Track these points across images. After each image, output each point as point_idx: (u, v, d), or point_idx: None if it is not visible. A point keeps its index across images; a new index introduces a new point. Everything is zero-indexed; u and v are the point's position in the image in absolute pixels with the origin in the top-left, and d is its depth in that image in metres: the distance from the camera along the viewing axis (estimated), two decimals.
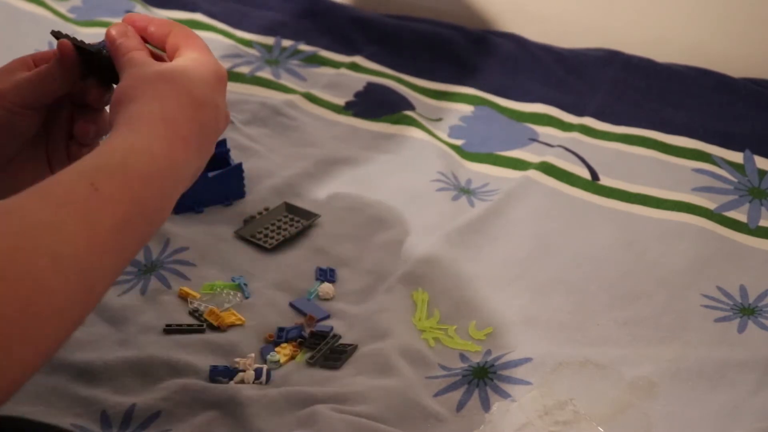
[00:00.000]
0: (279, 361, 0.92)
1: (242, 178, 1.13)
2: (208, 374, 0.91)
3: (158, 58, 0.79)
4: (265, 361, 0.93)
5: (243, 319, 0.97)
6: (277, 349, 0.94)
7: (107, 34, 0.79)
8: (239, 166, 1.13)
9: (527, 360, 0.92)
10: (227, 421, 0.85)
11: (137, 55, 0.77)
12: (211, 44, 1.43)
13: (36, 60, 0.86)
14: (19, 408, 0.87)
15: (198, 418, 0.86)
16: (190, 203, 1.10)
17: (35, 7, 1.49)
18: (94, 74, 0.81)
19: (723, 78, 1.31)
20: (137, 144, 0.69)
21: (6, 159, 0.84)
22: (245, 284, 1.01)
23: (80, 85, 0.82)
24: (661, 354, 0.93)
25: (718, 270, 1.04)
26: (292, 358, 0.93)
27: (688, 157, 1.19)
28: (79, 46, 0.81)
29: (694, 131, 1.22)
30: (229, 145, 1.16)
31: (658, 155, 1.20)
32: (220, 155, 1.13)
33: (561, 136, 1.24)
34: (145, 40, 0.80)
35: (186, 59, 0.77)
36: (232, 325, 0.97)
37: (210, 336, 0.95)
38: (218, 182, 1.11)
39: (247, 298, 1.00)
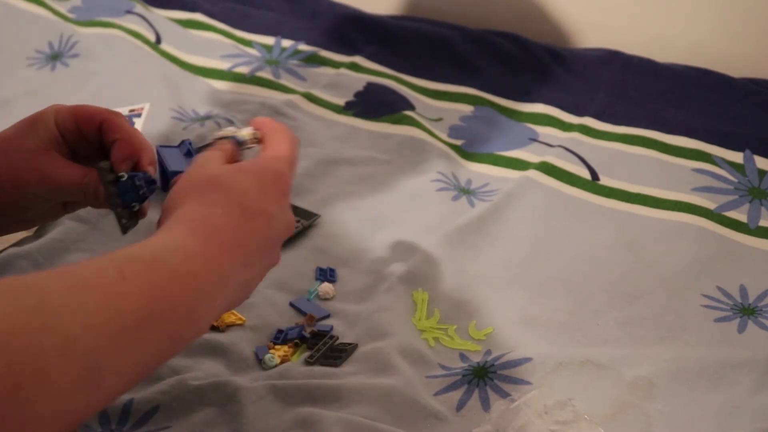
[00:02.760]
0: (277, 364, 0.92)
1: None
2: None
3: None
4: (260, 362, 0.92)
5: (243, 318, 0.97)
6: (272, 351, 0.94)
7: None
8: None
9: (527, 360, 0.92)
10: (226, 419, 0.85)
11: (205, 154, 0.77)
12: (211, 44, 1.45)
13: (64, 134, 0.82)
14: None
15: (196, 414, 0.86)
16: None
17: (35, 7, 1.49)
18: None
19: (723, 78, 1.31)
20: (171, 243, 0.67)
21: (24, 216, 0.83)
22: None
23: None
24: (661, 354, 0.93)
25: (718, 270, 1.04)
26: (288, 358, 0.93)
27: (688, 157, 1.19)
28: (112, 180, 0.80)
29: (694, 131, 1.22)
30: None
31: (658, 155, 1.20)
32: None
33: (561, 136, 1.24)
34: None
35: (250, 161, 0.76)
36: (231, 325, 0.97)
37: (210, 335, 0.95)
38: None
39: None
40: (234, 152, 0.80)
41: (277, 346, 0.94)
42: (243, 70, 1.37)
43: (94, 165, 0.80)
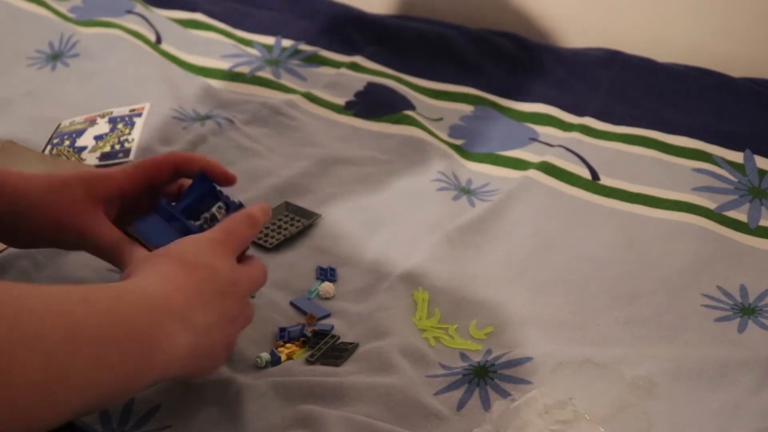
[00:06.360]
0: (268, 361, 0.92)
1: None
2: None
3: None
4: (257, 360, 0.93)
5: None
6: (280, 349, 0.94)
7: None
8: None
9: (527, 359, 0.92)
10: (227, 418, 0.86)
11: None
12: (211, 44, 1.45)
13: (125, 190, 0.91)
14: None
15: (198, 414, 0.86)
16: None
17: (35, 7, 1.49)
18: None
19: (723, 78, 1.31)
20: (130, 284, 0.75)
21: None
22: None
23: None
24: (661, 354, 0.93)
25: (718, 270, 1.04)
26: (290, 357, 0.93)
27: (688, 156, 1.19)
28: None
29: (694, 131, 1.22)
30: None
31: (658, 155, 1.20)
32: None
33: (561, 136, 1.24)
34: None
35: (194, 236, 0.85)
36: None
37: None
38: None
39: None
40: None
41: (287, 345, 0.94)
42: (243, 69, 1.37)
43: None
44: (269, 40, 1.43)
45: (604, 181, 1.16)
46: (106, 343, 0.67)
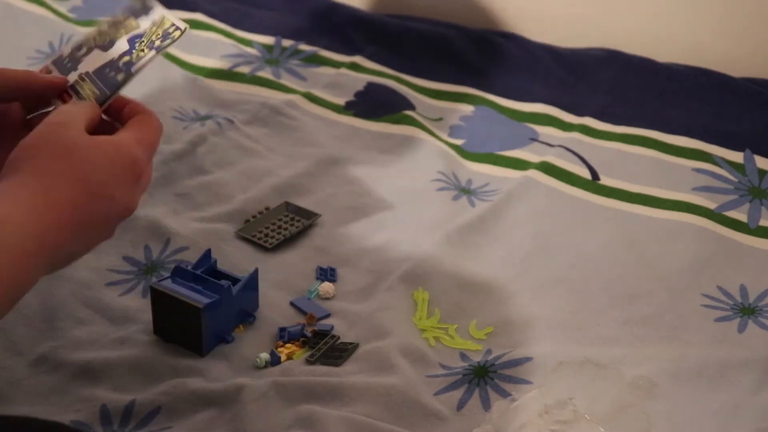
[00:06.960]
0: (267, 361, 0.92)
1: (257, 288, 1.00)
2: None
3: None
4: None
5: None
6: (280, 349, 0.94)
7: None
8: (254, 273, 0.98)
9: (527, 359, 0.92)
10: (227, 418, 0.86)
11: (69, 110, 0.76)
12: (211, 44, 1.45)
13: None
14: (19, 408, 0.87)
15: (198, 414, 0.86)
16: (221, 336, 0.95)
17: (35, 7, 1.49)
18: None
19: (723, 78, 1.31)
20: (8, 217, 0.67)
21: None
22: None
23: None
24: (661, 354, 0.94)
25: (718, 270, 1.04)
26: (290, 357, 0.93)
27: (688, 157, 1.19)
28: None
29: (694, 131, 1.22)
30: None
31: (658, 155, 1.20)
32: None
33: (561, 136, 1.24)
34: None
35: (110, 138, 0.75)
36: None
37: None
38: (240, 299, 0.96)
39: None
40: (98, 116, 0.79)
41: (287, 345, 0.94)
42: (243, 69, 1.37)
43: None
44: (269, 40, 1.43)
45: (604, 181, 1.16)
46: None
